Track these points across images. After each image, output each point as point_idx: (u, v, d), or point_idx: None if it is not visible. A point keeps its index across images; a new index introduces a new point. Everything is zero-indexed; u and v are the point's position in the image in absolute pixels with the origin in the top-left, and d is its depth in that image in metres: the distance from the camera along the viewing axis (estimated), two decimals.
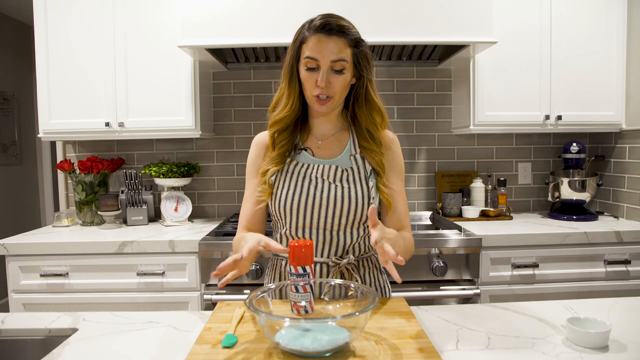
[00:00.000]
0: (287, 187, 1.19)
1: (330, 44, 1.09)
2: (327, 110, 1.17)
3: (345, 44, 1.10)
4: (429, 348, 0.89)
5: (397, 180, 1.25)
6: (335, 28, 1.09)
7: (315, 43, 1.10)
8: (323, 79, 1.10)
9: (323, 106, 1.15)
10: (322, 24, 1.10)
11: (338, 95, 1.15)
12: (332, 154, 1.22)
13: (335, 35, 1.09)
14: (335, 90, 1.13)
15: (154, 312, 1.18)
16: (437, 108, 2.68)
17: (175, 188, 2.47)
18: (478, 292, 1.97)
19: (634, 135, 2.34)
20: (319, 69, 1.11)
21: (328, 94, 1.13)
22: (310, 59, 1.11)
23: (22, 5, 3.39)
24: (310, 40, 1.11)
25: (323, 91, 1.12)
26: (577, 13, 2.30)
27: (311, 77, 1.12)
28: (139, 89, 2.28)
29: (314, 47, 1.10)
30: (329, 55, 1.09)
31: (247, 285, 1.99)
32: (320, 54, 1.10)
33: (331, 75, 1.11)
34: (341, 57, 1.10)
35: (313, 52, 1.10)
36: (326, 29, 1.09)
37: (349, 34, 1.11)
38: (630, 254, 2.09)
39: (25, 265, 2.02)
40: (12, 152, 3.76)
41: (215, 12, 2.00)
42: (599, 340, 0.92)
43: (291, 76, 1.17)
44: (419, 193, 2.72)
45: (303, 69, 1.13)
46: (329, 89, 1.12)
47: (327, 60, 1.10)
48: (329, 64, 1.10)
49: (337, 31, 1.09)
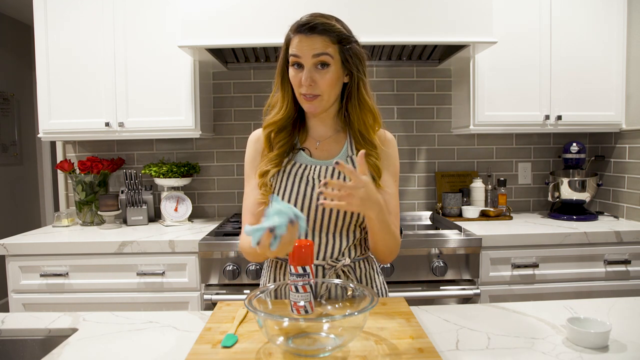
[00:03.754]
0: (284, 188, 1.18)
1: (312, 40, 1.09)
2: (316, 110, 1.15)
3: (328, 40, 1.09)
4: (429, 348, 0.89)
5: (391, 181, 1.24)
6: (317, 26, 1.08)
7: (297, 42, 1.10)
8: (307, 76, 1.10)
9: (311, 105, 1.14)
10: (305, 22, 1.10)
11: (327, 94, 1.13)
12: (329, 155, 1.22)
13: (317, 33, 1.09)
14: (322, 89, 1.11)
15: (154, 312, 1.18)
16: (437, 108, 2.68)
17: (175, 188, 2.47)
18: (478, 292, 1.97)
19: (634, 135, 2.34)
20: (304, 67, 1.11)
21: (314, 92, 1.12)
22: (293, 56, 1.11)
23: (22, 5, 3.39)
24: (294, 40, 1.11)
25: (308, 89, 1.11)
26: (577, 13, 2.30)
27: (297, 76, 1.12)
28: (139, 89, 2.28)
29: (297, 45, 1.10)
30: (309, 50, 1.09)
31: (247, 285, 1.99)
32: (301, 50, 1.09)
33: (316, 72, 1.10)
34: (322, 51, 1.09)
35: (296, 49, 1.10)
36: (307, 27, 1.09)
37: (332, 31, 1.09)
38: (630, 254, 2.09)
39: (25, 265, 2.02)
40: (12, 152, 3.76)
41: (215, 12, 2.00)
42: (599, 340, 0.92)
43: (283, 78, 1.17)
44: (419, 193, 2.72)
45: (290, 70, 1.14)
46: (314, 87, 1.11)
47: (308, 57, 1.09)
48: (311, 61, 1.09)
49: (320, 29, 1.08)
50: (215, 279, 2.00)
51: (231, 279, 1.97)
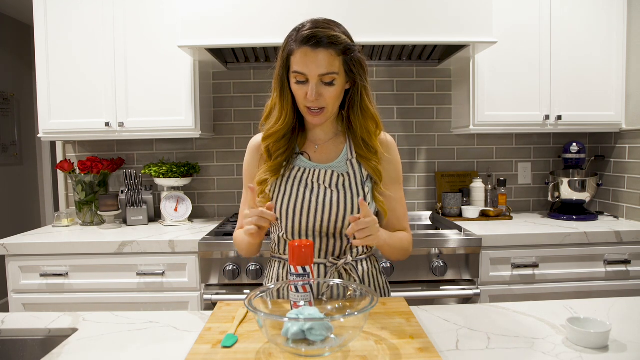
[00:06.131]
0: (284, 192, 1.18)
1: (318, 56, 1.06)
2: (321, 121, 1.15)
3: (333, 54, 1.07)
4: (429, 348, 0.89)
5: (397, 186, 1.24)
6: (323, 40, 1.05)
7: (302, 57, 1.07)
8: (313, 92, 1.08)
9: (316, 118, 1.13)
10: (309, 35, 1.06)
11: (331, 106, 1.13)
12: (328, 159, 1.21)
13: (322, 47, 1.06)
14: (328, 102, 1.11)
15: (154, 312, 1.18)
16: (437, 108, 2.68)
17: (175, 188, 2.47)
18: (478, 292, 1.97)
19: (634, 135, 2.34)
20: (309, 82, 1.09)
21: (319, 105, 1.11)
22: (298, 73, 1.09)
23: (22, 5, 3.39)
24: (297, 53, 1.08)
25: (314, 104, 1.10)
26: (577, 13, 2.30)
27: (301, 90, 1.10)
28: (139, 89, 2.28)
29: (301, 61, 1.07)
30: (316, 69, 1.07)
31: (247, 285, 1.99)
32: (307, 68, 1.07)
33: (321, 87, 1.09)
34: (330, 71, 1.07)
35: (300, 66, 1.08)
36: (312, 42, 1.05)
37: (337, 44, 1.07)
38: (630, 254, 2.09)
39: (25, 265, 2.02)
40: (12, 152, 3.76)
41: (215, 12, 2.00)
42: (599, 340, 0.92)
43: (282, 87, 1.14)
44: (419, 193, 2.72)
45: (293, 82, 1.12)
46: (319, 101, 1.10)
47: (315, 75, 1.07)
48: (317, 78, 1.08)
49: (326, 43, 1.05)
50: (215, 279, 2.00)
51: (231, 279, 1.97)
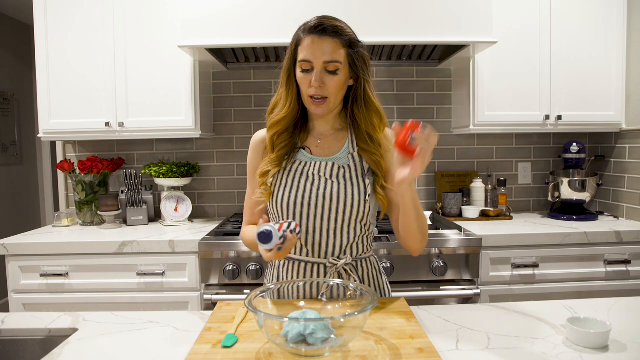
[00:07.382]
0: (285, 185, 1.20)
1: (323, 44, 1.10)
2: (323, 112, 1.17)
3: (338, 44, 1.11)
4: (429, 348, 0.89)
5: None
6: (328, 28, 1.10)
7: (309, 44, 1.11)
8: (317, 78, 1.11)
9: (319, 108, 1.15)
10: (316, 24, 1.11)
11: (334, 97, 1.15)
12: (330, 152, 1.23)
13: (328, 35, 1.10)
14: (330, 92, 1.13)
15: (154, 312, 1.18)
16: (437, 108, 2.68)
17: (175, 188, 2.47)
18: (478, 292, 1.97)
19: (634, 135, 2.34)
20: (313, 70, 1.12)
21: (322, 94, 1.13)
22: (304, 61, 1.12)
23: (22, 5, 3.39)
24: (304, 42, 1.12)
25: (317, 92, 1.13)
26: (577, 13, 2.30)
27: (306, 78, 1.13)
28: (139, 88, 2.28)
29: (308, 49, 1.11)
30: (321, 56, 1.10)
31: (247, 285, 1.99)
32: (313, 55, 1.11)
33: (325, 75, 1.12)
34: (334, 59, 1.11)
35: (306, 53, 1.11)
36: (319, 29, 1.10)
37: (343, 35, 1.11)
38: (630, 254, 2.09)
39: (25, 265, 2.02)
40: (12, 152, 3.76)
41: (215, 12, 2.00)
42: (599, 340, 0.92)
43: (289, 78, 1.18)
44: (419, 193, 2.72)
45: (299, 71, 1.14)
46: (323, 89, 1.13)
47: (320, 61, 1.11)
48: (322, 65, 1.11)
49: (331, 32, 1.10)
50: (215, 279, 2.00)
51: (231, 279, 1.97)
